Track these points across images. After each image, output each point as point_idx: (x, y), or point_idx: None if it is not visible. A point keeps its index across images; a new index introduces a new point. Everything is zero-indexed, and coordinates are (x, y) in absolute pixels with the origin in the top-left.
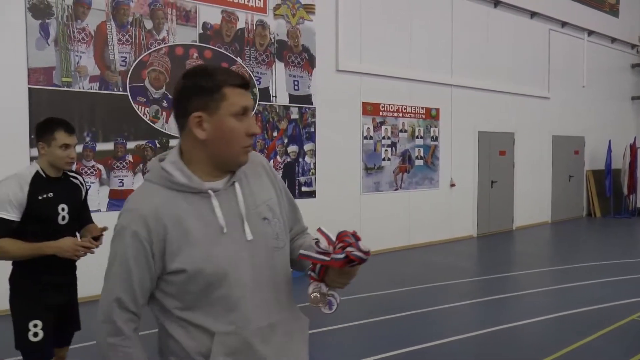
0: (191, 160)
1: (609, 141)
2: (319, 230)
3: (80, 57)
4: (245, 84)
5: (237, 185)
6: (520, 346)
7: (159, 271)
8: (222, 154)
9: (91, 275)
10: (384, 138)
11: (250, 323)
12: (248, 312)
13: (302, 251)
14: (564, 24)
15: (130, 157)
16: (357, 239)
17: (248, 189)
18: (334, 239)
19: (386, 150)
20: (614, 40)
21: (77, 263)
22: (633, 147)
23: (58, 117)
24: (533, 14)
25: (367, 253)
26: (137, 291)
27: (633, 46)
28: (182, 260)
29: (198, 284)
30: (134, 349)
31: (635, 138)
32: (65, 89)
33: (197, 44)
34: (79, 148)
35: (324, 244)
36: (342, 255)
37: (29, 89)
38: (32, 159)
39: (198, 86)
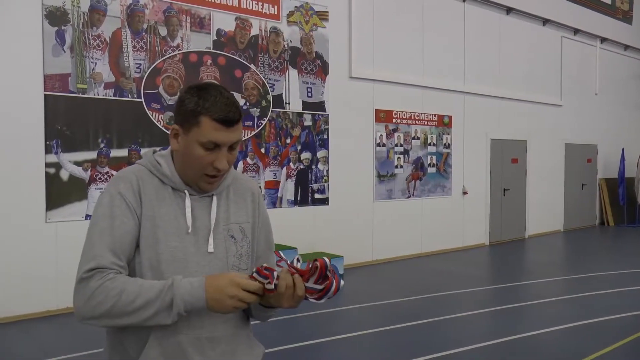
0: (175, 161)
1: (622, 149)
2: (277, 252)
3: (96, 63)
4: (227, 120)
5: (214, 197)
6: (538, 356)
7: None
8: (185, 171)
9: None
10: (396, 145)
11: (190, 329)
12: (191, 318)
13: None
14: (576, 31)
15: None
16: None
17: (225, 205)
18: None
19: (399, 157)
20: (627, 47)
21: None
22: None
23: (73, 123)
24: (545, 21)
25: (337, 290)
26: (121, 244)
27: None
28: (143, 240)
29: (150, 268)
30: (126, 278)
31: None
32: (80, 95)
33: (211, 50)
34: (94, 155)
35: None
36: (329, 266)
37: (45, 95)
38: (47, 164)
39: (185, 102)
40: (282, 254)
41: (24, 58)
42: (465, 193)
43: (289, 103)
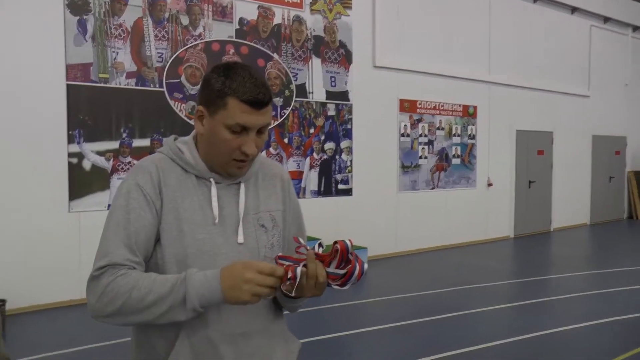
0: (199, 146)
1: None
2: (295, 238)
3: (117, 53)
4: (256, 102)
5: (242, 185)
6: (567, 354)
7: (159, 226)
8: (211, 156)
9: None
10: (420, 136)
11: (222, 325)
12: (222, 313)
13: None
14: (606, 19)
15: None
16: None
17: (254, 192)
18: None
19: (423, 148)
20: None
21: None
22: None
23: (95, 113)
24: (574, 9)
25: (361, 275)
26: (137, 239)
27: None
28: (165, 234)
29: (175, 264)
30: (139, 273)
31: None
32: (102, 85)
33: (234, 39)
34: (116, 144)
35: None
36: (351, 249)
37: (67, 85)
38: (69, 154)
39: (211, 82)
40: (300, 240)
41: (47, 48)
42: (490, 185)
43: (312, 92)
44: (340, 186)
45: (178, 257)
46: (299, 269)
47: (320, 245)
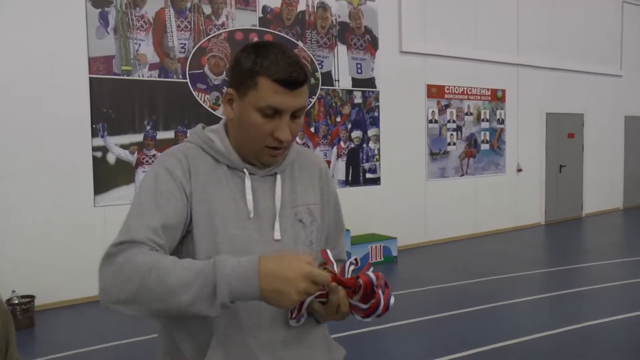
0: (230, 134)
1: None
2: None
3: (140, 44)
4: (289, 82)
5: (278, 176)
6: (607, 347)
7: (190, 216)
8: (242, 142)
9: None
10: (449, 122)
11: (260, 331)
12: (262, 319)
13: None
14: None
15: None
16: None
17: (291, 184)
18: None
19: (451, 134)
20: None
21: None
22: None
23: (118, 106)
24: None
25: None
26: (165, 224)
27: None
28: (197, 228)
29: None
30: (161, 255)
31: None
32: (125, 77)
33: (257, 28)
34: (140, 137)
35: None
36: (375, 281)
37: (90, 78)
38: (94, 148)
39: (241, 63)
40: (329, 255)
41: (69, 41)
42: (519, 170)
43: (338, 80)
44: (368, 175)
45: (209, 254)
46: (307, 301)
47: (353, 262)
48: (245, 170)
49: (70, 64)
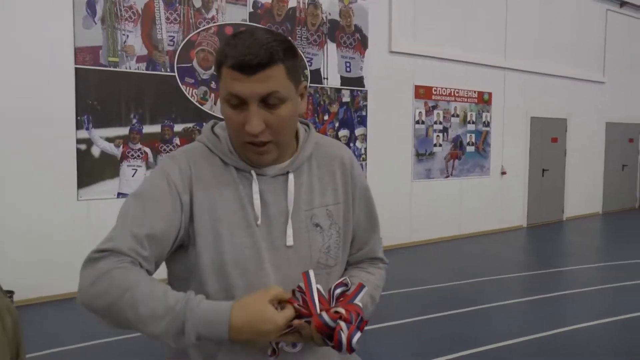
0: None
1: None
2: (304, 274)
3: (128, 36)
4: (243, 66)
5: (290, 175)
6: (588, 352)
7: (185, 224)
8: (230, 139)
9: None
10: (435, 123)
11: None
12: None
13: (310, 272)
14: (622, 3)
15: (177, 140)
16: (361, 327)
17: (308, 184)
18: (315, 295)
19: (438, 135)
20: None
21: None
22: None
23: (104, 98)
24: None
25: (350, 350)
26: (150, 232)
27: None
28: (200, 238)
29: (213, 271)
30: (142, 274)
31: None
32: (112, 69)
33: (247, 23)
34: (126, 130)
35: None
36: (331, 323)
37: (76, 68)
38: (78, 141)
39: (215, 55)
40: (310, 278)
41: (55, 30)
42: (503, 173)
43: (327, 78)
44: None
45: (215, 265)
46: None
47: (343, 284)
48: (252, 172)
49: (55, 53)
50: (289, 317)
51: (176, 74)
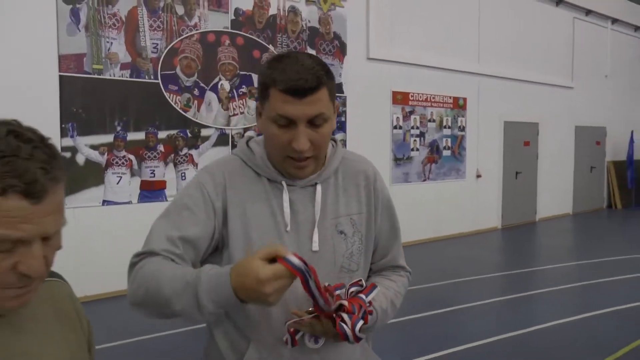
0: (266, 146)
1: (632, 132)
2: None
3: (112, 43)
4: (295, 90)
5: (318, 186)
6: (564, 348)
7: (219, 228)
8: (271, 155)
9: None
10: (412, 128)
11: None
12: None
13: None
14: (588, 11)
15: (161, 147)
16: (365, 317)
17: (334, 195)
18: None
19: (415, 140)
20: (637, 28)
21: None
22: None
23: (89, 105)
24: (558, 2)
25: (357, 338)
26: (184, 235)
27: None
28: (233, 242)
29: None
30: (165, 262)
31: None
32: (96, 76)
33: (229, 30)
34: (110, 138)
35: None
36: (324, 307)
37: (60, 76)
38: (63, 148)
39: (260, 77)
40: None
41: (39, 37)
42: (479, 176)
43: None
44: None
45: None
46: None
47: (354, 285)
48: (283, 182)
49: (39, 61)
50: (275, 272)
51: (160, 81)
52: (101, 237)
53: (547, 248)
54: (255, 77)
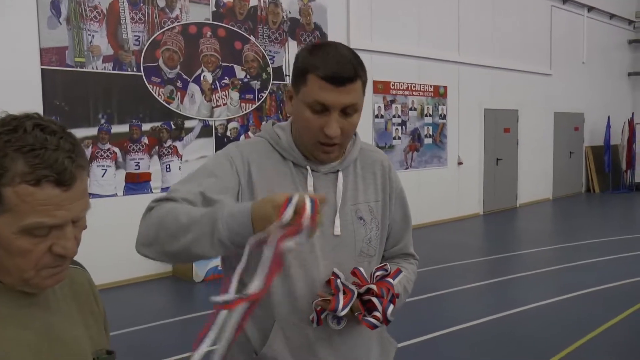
0: (293, 130)
1: (608, 117)
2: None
3: (93, 36)
4: (335, 78)
5: (340, 173)
6: (548, 327)
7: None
8: (300, 138)
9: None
10: (394, 117)
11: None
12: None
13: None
14: (565, 0)
15: (146, 140)
16: (392, 300)
17: (353, 182)
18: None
19: (396, 129)
20: (612, 16)
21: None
22: (631, 123)
23: (72, 98)
24: None
25: (387, 322)
26: (206, 192)
27: (630, 22)
28: None
29: None
30: (184, 204)
31: (633, 114)
32: (78, 69)
33: (211, 22)
34: (94, 131)
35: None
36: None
37: (42, 69)
38: None
39: (297, 61)
40: (363, 273)
41: (19, 31)
42: (460, 163)
43: (289, 75)
44: None
45: None
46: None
47: (383, 269)
48: (308, 167)
49: (20, 54)
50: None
51: (142, 73)
52: (87, 231)
53: (527, 232)
54: (237, 69)
